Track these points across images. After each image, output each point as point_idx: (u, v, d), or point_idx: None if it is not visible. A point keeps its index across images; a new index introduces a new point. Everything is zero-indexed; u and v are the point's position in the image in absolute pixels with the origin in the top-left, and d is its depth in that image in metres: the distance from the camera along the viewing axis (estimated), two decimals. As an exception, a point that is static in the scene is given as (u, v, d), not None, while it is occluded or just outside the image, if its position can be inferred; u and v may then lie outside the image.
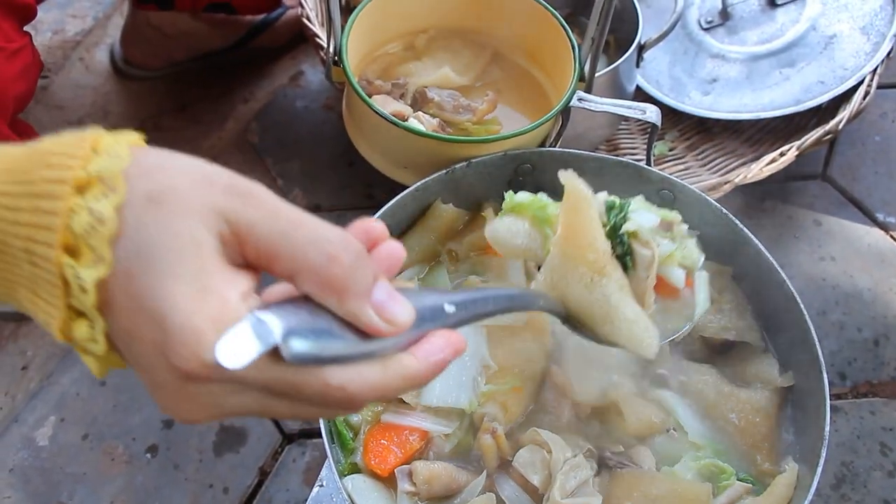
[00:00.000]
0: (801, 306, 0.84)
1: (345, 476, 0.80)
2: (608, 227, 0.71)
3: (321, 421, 0.79)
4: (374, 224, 0.46)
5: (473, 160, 0.93)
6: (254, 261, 0.41)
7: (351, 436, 0.83)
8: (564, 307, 0.72)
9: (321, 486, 0.96)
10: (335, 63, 0.99)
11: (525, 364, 0.85)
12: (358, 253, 0.41)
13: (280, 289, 0.42)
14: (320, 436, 0.78)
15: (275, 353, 0.38)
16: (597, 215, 0.70)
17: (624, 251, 0.71)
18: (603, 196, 0.73)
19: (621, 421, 0.83)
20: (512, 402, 0.83)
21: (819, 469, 0.75)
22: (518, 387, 0.83)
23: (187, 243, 0.38)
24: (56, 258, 0.38)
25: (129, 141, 0.41)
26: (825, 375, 0.80)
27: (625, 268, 0.71)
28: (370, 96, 1.00)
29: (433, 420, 0.83)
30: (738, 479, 0.80)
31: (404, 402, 0.83)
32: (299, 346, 0.38)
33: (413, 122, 0.97)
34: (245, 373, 0.37)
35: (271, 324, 0.38)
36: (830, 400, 1.14)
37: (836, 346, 1.22)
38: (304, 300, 0.41)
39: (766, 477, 0.82)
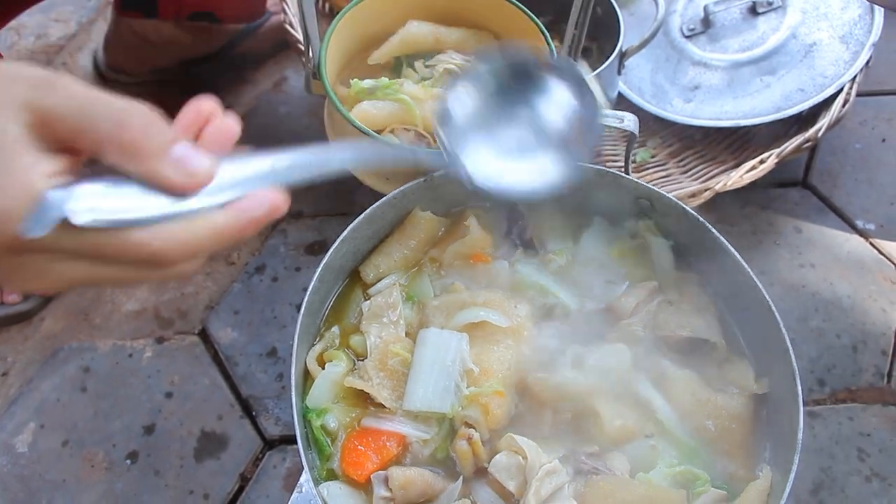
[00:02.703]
0: (777, 315, 0.84)
1: (321, 482, 0.80)
2: None
3: (296, 427, 0.79)
4: (203, 103, 0.51)
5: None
6: (68, 142, 0.45)
7: (328, 441, 0.83)
8: None
9: (300, 491, 0.96)
10: (314, 76, 0.99)
11: (506, 370, 0.85)
12: (148, 117, 0.46)
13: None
14: (301, 442, 0.78)
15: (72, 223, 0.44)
16: None
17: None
18: None
19: (600, 426, 0.83)
20: (494, 406, 0.82)
21: (791, 476, 0.76)
22: (500, 391, 0.83)
23: None
24: None
25: None
26: (799, 384, 0.80)
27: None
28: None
29: (413, 425, 0.83)
30: (713, 486, 0.81)
31: (384, 406, 0.83)
32: (82, 214, 0.44)
33: (389, 137, 0.97)
34: (52, 241, 0.44)
35: (58, 198, 0.44)
36: (810, 406, 1.16)
37: (815, 352, 1.22)
38: (111, 172, 0.46)
39: (741, 483, 0.82)
